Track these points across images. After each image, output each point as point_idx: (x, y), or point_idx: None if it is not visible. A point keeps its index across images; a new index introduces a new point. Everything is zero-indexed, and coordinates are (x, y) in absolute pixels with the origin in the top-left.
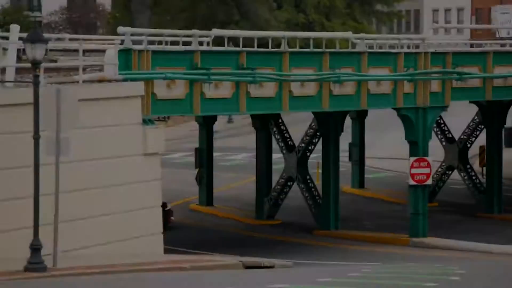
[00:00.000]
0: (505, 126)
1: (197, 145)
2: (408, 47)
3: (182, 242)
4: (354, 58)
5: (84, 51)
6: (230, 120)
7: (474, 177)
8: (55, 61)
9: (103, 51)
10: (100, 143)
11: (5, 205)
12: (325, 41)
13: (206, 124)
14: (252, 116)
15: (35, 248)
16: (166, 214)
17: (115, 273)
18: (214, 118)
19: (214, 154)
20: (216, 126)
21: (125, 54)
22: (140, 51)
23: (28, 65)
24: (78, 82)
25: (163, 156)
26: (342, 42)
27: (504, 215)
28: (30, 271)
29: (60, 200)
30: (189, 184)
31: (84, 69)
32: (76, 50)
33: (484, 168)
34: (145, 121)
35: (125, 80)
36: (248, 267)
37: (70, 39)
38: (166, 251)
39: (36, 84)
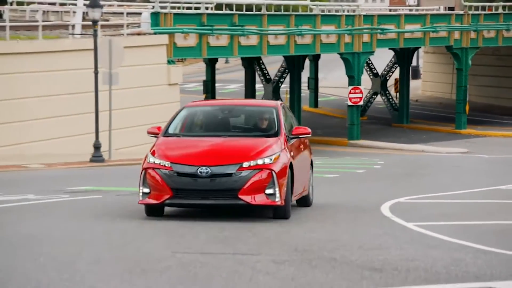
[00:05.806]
0: (411, 65)
1: (204, 78)
2: (348, 11)
3: None
4: (311, 18)
5: (127, 13)
6: (227, 61)
7: (391, 99)
8: (108, 20)
9: (140, 13)
10: (138, 76)
11: (76, 118)
12: (292, 7)
13: (211, 64)
14: (242, 59)
15: (96, 146)
16: None
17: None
18: (215, 60)
19: (216, 84)
20: (217, 65)
21: (155, 16)
22: (165, 14)
23: (90, 23)
24: (123, 35)
25: (181, 86)
26: (303, 8)
27: (410, 125)
28: (93, 162)
29: (112, 115)
30: None
31: (127, 26)
32: (122, 13)
33: (398, 94)
34: (169, 61)
35: (155, 33)
36: None
37: (118, 5)
38: None
39: (95, 36)
